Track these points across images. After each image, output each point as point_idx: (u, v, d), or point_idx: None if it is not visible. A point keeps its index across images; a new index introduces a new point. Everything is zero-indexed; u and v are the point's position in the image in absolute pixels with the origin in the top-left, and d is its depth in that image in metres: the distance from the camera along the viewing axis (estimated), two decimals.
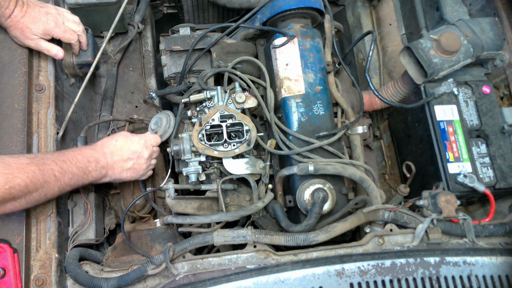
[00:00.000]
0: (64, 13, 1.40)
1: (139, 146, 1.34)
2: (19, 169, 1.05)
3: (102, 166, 1.26)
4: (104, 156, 1.28)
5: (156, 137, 1.42)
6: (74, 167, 1.18)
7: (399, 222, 1.30)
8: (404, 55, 1.55)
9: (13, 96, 1.30)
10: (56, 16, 1.36)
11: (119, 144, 1.32)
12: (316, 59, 1.53)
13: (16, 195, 1.04)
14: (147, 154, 1.35)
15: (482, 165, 1.43)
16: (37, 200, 1.12)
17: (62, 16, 1.38)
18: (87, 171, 1.22)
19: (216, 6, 2.00)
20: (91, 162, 1.23)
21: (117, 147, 1.31)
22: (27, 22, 1.30)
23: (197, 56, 1.60)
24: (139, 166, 1.35)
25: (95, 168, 1.24)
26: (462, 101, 1.49)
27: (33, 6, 1.32)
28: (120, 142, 1.32)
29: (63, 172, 1.14)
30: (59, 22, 1.36)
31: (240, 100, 1.45)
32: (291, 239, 1.21)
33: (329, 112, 1.51)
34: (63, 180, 1.15)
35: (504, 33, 1.60)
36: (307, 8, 1.55)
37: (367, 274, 1.19)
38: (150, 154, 1.37)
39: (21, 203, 1.09)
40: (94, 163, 1.24)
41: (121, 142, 1.32)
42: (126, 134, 1.37)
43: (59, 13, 1.38)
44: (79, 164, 1.20)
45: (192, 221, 1.31)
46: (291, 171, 1.38)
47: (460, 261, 1.23)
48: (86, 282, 1.17)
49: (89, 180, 1.24)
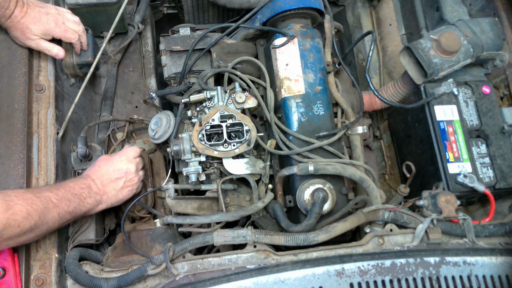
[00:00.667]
0: (64, 13, 1.40)
1: (122, 163, 1.34)
2: (18, 197, 1.05)
3: (95, 192, 1.26)
4: (94, 182, 1.27)
5: (134, 149, 1.41)
6: (69, 194, 1.18)
7: (399, 222, 1.30)
8: (404, 55, 1.55)
9: (13, 96, 1.30)
10: (56, 16, 1.36)
11: (103, 168, 1.31)
12: (316, 59, 1.53)
13: (21, 222, 1.03)
14: (133, 167, 1.35)
15: (482, 165, 1.43)
16: (42, 230, 1.11)
17: (63, 16, 1.38)
18: (82, 198, 1.21)
19: (216, 6, 2.00)
20: (83, 189, 1.23)
21: (102, 172, 1.30)
22: (28, 22, 1.30)
23: (197, 56, 1.60)
24: (131, 182, 1.35)
25: (89, 194, 1.23)
26: (462, 101, 1.49)
27: (33, 6, 1.32)
28: (102, 166, 1.32)
29: (60, 198, 1.14)
30: (59, 22, 1.36)
31: (240, 100, 1.45)
32: (291, 239, 1.21)
33: (329, 112, 1.51)
34: (61, 207, 1.14)
35: (504, 33, 1.60)
36: (307, 8, 1.55)
37: (367, 274, 1.19)
38: (136, 166, 1.37)
39: (29, 236, 1.08)
40: (87, 189, 1.24)
41: (104, 166, 1.32)
42: (106, 157, 1.36)
43: (59, 13, 1.38)
44: (73, 191, 1.20)
45: (192, 221, 1.31)
46: (291, 171, 1.38)
47: (460, 261, 1.22)
48: (86, 282, 1.17)
49: (86, 207, 1.23)
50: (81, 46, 1.45)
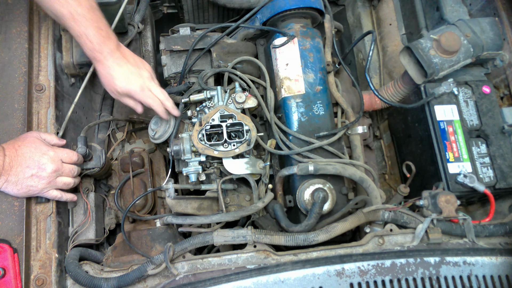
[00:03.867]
0: (152, 82, 1.37)
1: (44, 158, 1.19)
2: None
3: None
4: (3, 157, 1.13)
5: (70, 153, 1.27)
6: None
7: (399, 222, 1.30)
8: (404, 55, 1.55)
9: (13, 96, 1.30)
10: (145, 81, 1.34)
11: (22, 150, 1.17)
12: (316, 59, 1.53)
13: None
14: (51, 168, 1.20)
15: (482, 165, 1.43)
16: None
17: (150, 84, 1.35)
18: None
19: (216, 6, 2.00)
20: None
21: (19, 153, 1.16)
22: (113, 75, 1.29)
23: (197, 56, 1.60)
24: (37, 180, 1.18)
25: None
26: (462, 101, 1.49)
27: (128, 59, 1.32)
28: (23, 148, 1.17)
29: None
30: (145, 88, 1.33)
31: (240, 100, 1.45)
32: (291, 239, 1.21)
33: (329, 112, 1.51)
34: None
35: (504, 33, 1.59)
36: (307, 8, 1.55)
37: (367, 274, 1.19)
38: (56, 169, 1.21)
39: None
40: None
41: (24, 149, 1.17)
42: (35, 142, 1.21)
43: (151, 78, 1.36)
44: None
45: (192, 222, 1.31)
46: (291, 171, 1.38)
47: (460, 261, 1.23)
48: (86, 282, 1.17)
49: None
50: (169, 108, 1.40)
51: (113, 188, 1.54)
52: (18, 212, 1.19)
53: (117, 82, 1.30)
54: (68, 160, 1.27)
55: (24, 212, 1.19)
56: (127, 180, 1.50)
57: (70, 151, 1.29)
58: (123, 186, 1.49)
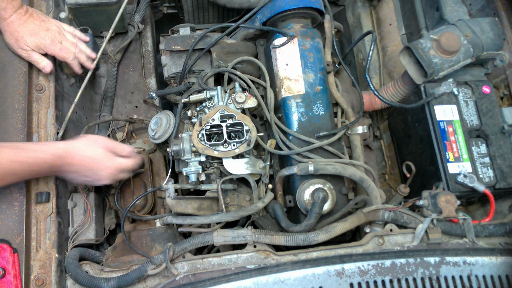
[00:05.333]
0: (65, 33, 1.39)
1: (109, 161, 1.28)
2: None
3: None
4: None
5: (128, 163, 1.35)
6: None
7: (399, 222, 1.30)
8: (404, 55, 1.55)
9: (13, 96, 1.30)
10: (55, 34, 1.35)
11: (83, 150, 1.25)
12: (316, 59, 1.53)
13: None
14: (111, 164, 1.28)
15: (482, 165, 1.43)
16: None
17: (62, 36, 1.37)
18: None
19: (216, 6, 2.00)
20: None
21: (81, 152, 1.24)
22: (24, 33, 1.29)
23: (197, 56, 1.60)
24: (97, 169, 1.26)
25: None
26: (462, 101, 1.49)
27: (35, 18, 1.31)
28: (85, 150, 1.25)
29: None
30: (56, 41, 1.35)
31: (240, 100, 1.45)
32: (291, 239, 1.21)
33: (329, 112, 1.51)
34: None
35: (504, 33, 1.59)
36: (307, 8, 1.55)
37: (367, 274, 1.19)
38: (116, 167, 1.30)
39: None
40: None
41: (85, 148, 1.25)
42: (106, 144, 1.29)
43: (59, 32, 1.37)
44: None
45: (192, 222, 1.31)
46: (291, 171, 1.38)
47: (460, 261, 1.23)
48: (86, 282, 1.17)
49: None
50: (82, 61, 1.44)
51: (113, 188, 1.54)
52: (18, 212, 1.19)
53: (25, 37, 1.29)
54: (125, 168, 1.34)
55: (24, 212, 1.19)
56: (127, 180, 1.50)
57: (129, 161, 1.36)
58: (123, 186, 1.49)
